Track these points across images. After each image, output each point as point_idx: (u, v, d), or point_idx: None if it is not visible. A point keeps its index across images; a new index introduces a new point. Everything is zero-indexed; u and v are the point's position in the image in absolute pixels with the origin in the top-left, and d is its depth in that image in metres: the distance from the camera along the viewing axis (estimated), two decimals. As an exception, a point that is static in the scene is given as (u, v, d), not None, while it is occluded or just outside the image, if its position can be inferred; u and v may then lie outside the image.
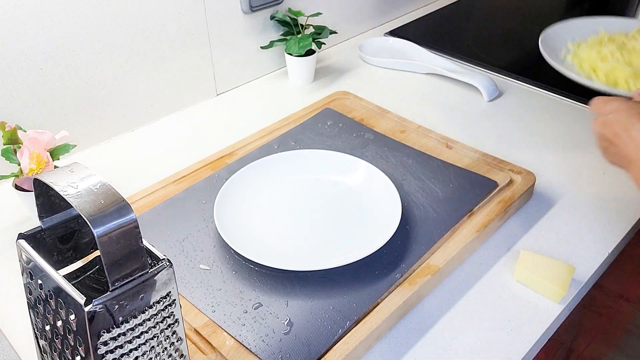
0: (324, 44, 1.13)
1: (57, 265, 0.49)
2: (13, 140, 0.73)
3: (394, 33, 1.30)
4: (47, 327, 0.48)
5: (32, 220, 0.79)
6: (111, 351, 0.44)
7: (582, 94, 1.03)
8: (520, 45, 1.25)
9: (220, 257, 0.69)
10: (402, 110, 0.98)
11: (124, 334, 0.44)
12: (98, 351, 0.43)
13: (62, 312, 0.44)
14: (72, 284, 0.43)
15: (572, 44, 0.99)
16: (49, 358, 0.50)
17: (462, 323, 0.64)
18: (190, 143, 0.95)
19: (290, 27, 1.10)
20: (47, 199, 0.48)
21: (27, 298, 0.49)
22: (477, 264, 0.71)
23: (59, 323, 0.45)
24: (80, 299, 0.41)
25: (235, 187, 0.77)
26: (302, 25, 1.10)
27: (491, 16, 1.42)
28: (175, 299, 0.47)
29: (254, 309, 0.63)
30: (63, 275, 0.44)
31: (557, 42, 0.98)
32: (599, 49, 0.94)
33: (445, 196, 0.78)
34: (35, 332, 0.51)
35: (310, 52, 1.08)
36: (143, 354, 0.46)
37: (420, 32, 1.32)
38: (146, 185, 0.81)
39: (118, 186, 0.85)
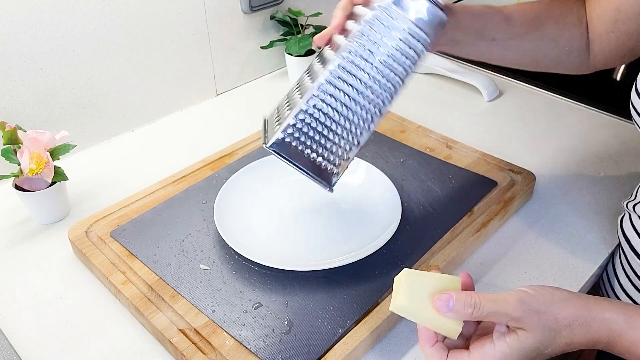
0: (324, 44, 1.13)
1: None
2: (13, 140, 0.73)
3: (394, 33, 1.30)
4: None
5: (32, 220, 0.79)
6: None
7: (582, 94, 1.04)
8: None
9: (220, 257, 0.69)
10: (402, 110, 0.98)
11: None
12: None
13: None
14: None
15: None
16: None
17: (462, 323, 0.64)
18: (190, 143, 0.95)
19: (290, 27, 1.10)
20: None
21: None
22: (477, 264, 0.71)
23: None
24: None
25: (235, 187, 0.77)
26: (302, 25, 1.10)
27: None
28: None
29: (254, 309, 0.63)
30: None
31: None
32: None
33: (445, 196, 0.78)
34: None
35: (310, 52, 1.08)
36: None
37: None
38: (146, 185, 0.81)
39: (118, 186, 0.86)
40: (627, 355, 0.48)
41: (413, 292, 0.50)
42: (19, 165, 0.73)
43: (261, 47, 1.11)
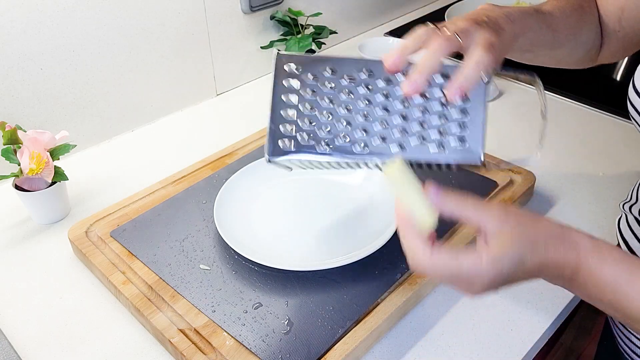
0: (324, 44, 1.13)
1: None
2: (13, 140, 0.73)
3: (394, 33, 1.30)
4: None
5: (32, 220, 0.79)
6: None
7: (582, 94, 1.04)
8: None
9: (220, 257, 0.69)
10: (402, 110, 0.98)
11: None
12: None
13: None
14: None
15: None
16: None
17: (461, 323, 0.64)
18: (190, 143, 0.95)
19: (290, 27, 1.10)
20: None
21: None
22: (477, 264, 0.71)
23: None
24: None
25: (235, 187, 0.77)
26: (302, 25, 1.10)
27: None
28: None
29: (254, 309, 0.63)
30: None
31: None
32: None
33: (445, 196, 0.77)
34: None
35: (310, 52, 1.08)
36: None
37: (420, 32, 1.31)
38: (146, 185, 0.81)
39: (118, 186, 0.86)
40: (585, 288, 0.47)
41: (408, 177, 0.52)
42: (19, 165, 0.73)
43: (261, 47, 1.11)
